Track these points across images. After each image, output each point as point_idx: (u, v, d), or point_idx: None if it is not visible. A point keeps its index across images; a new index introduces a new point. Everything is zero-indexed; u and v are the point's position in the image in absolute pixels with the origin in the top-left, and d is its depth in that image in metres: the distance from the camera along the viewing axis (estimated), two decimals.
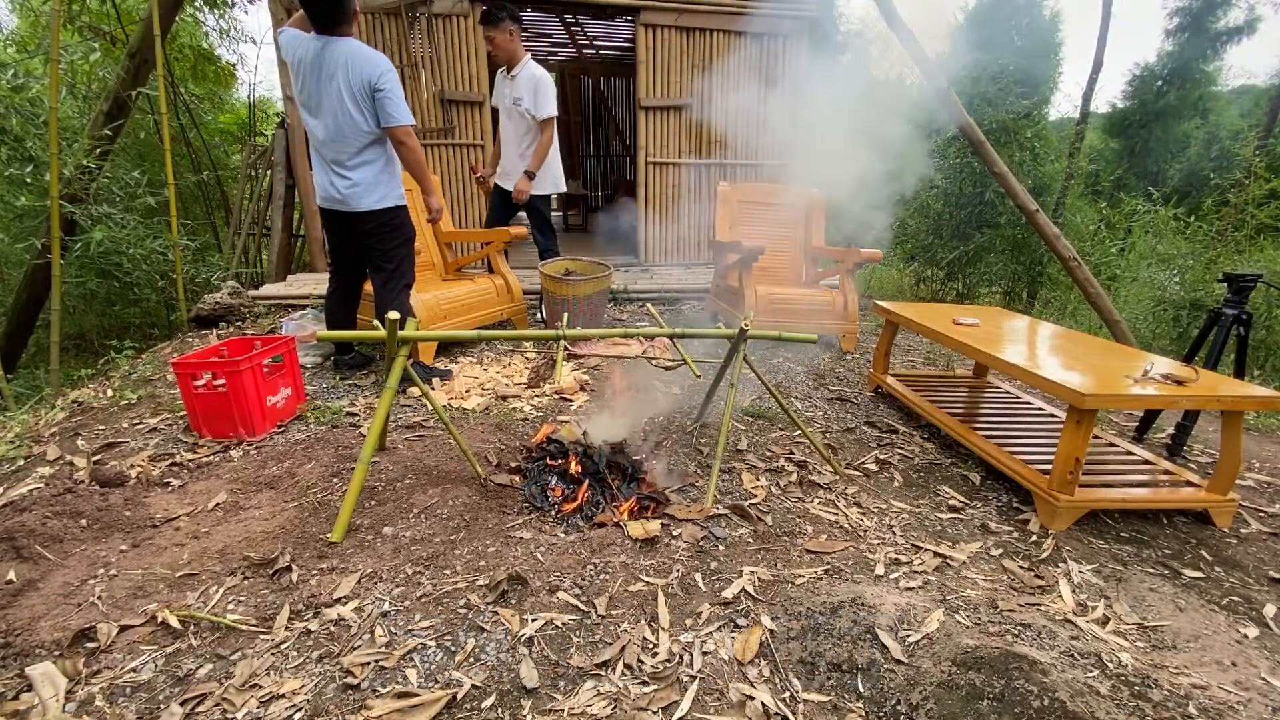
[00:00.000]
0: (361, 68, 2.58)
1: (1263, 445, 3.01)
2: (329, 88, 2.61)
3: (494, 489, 2.15)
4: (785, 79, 5.91)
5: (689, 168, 5.99)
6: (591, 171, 10.96)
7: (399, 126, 2.67)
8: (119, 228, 4.31)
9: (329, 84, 2.61)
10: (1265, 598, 1.83)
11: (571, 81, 10.40)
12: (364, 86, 2.60)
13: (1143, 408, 2.88)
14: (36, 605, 1.55)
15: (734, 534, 1.94)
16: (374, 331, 2.02)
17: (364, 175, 2.74)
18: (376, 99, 2.61)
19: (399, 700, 1.29)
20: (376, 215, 2.81)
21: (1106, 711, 1.25)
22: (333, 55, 2.59)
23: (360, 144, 2.70)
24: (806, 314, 3.90)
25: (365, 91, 2.61)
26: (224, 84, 7.83)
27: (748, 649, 1.47)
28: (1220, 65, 12.04)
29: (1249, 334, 2.66)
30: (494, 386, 3.12)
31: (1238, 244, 7.04)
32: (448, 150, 5.46)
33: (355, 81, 2.59)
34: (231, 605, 1.57)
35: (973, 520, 2.16)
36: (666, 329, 2.18)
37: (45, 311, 4.66)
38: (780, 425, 2.82)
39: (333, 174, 2.75)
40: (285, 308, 4.39)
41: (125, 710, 1.27)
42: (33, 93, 4.34)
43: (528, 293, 4.31)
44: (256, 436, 2.51)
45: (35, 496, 2.02)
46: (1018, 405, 2.99)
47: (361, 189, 2.74)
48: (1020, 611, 1.64)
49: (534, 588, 1.64)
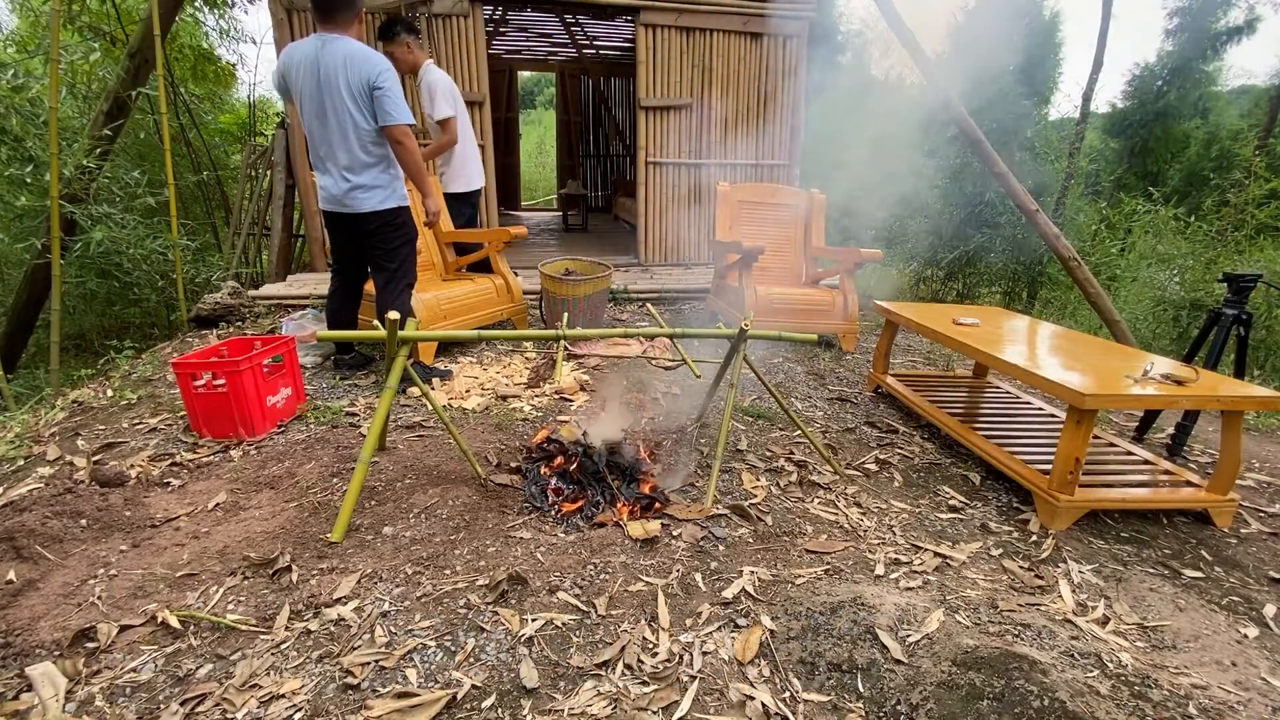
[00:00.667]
0: (360, 67, 2.58)
1: (1263, 445, 3.01)
2: (328, 87, 2.60)
3: (494, 489, 2.15)
4: (785, 79, 5.91)
5: (689, 168, 5.98)
6: (591, 171, 10.96)
7: (397, 125, 2.66)
8: (119, 228, 4.31)
9: (328, 84, 2.60)
10: (1265, 598, 1.83)
11: (571, 81, 10.41)
12: (363, 86, 2.59)
13: (1143, 408, 2.88)
14: (36, 605, 1.55)
15: (734, 534, 1.94)
16: (374, 331, 2.02)
17: (366, 177, 2.73)
18: (375, 97, 2.61)
19: (399, 700, 1.29)
20: (380, 216, 2.81)
21: (1106, 711, 1.25)
22: (331, 55, 2.59)
23: (361, 144, 2.69)
24: (806, 314, 3.90)
25: (364, 91, 2.60)
26: (224, 84, 7.83)
27: (748, 649, 1.47)
28: (1220, 65, 12.03)
29: (1249, 334, 2.66)
30: (494, 386, 3.12)
31: (1238, 244, 7.05)
32: None
33: (354, 81, 2.58)
34: (231, 605, 1.57)
35: (973, 520, 2.16)
36: (666, 329, 2.18)
37: (45, 311, 4.66)
38: (780, 425, 2.82)
39: (334, 176, 2.74)
40: (285, 308, 4.39)
41: (125, 710, 1.27)
42: (33, 93, 4.34)
43: (528, 293, 4.31)
44: (256, 436, 2.51)
45: (35, 496, 2.02)
46: (1018, 405, 2.99)
47: (363, 191, 2.74)
48: (1020, 611, 1.64)
49: (534, 588, 1.64)
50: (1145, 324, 6.16)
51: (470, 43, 5.25)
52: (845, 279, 4.01)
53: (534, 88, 23.47)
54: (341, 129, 2.65)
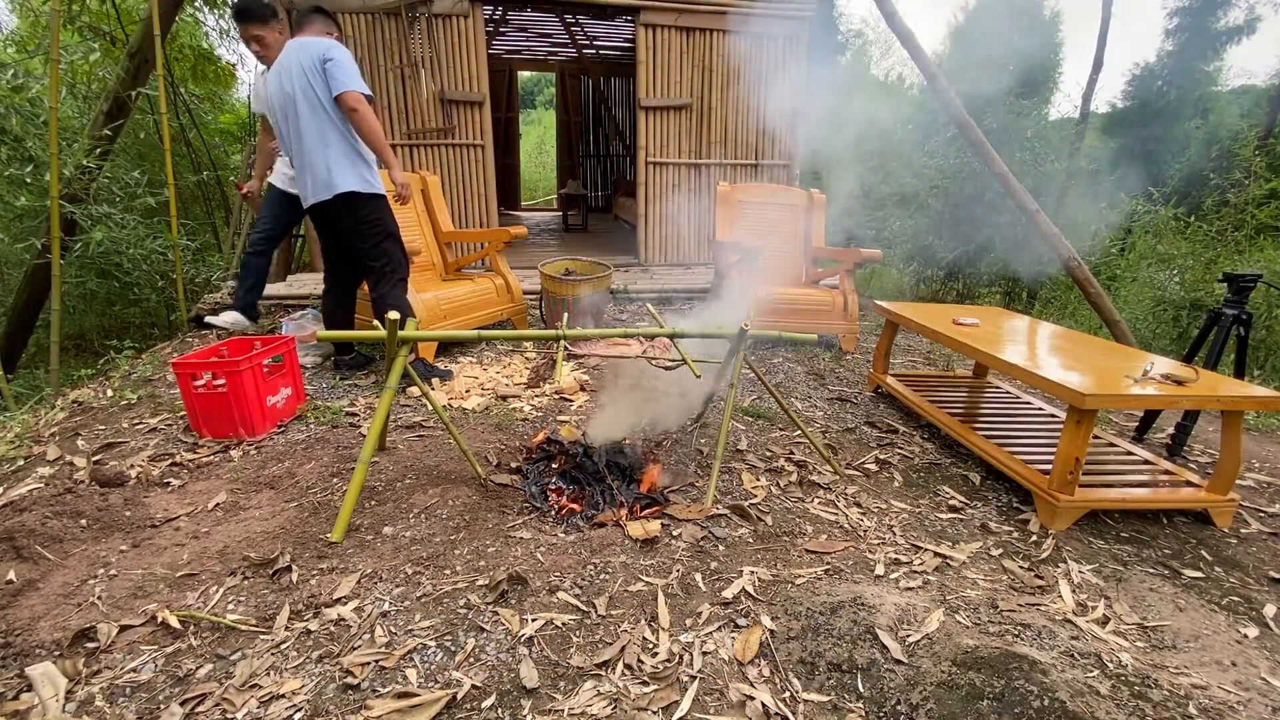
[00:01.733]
0: (311, 48, 2.66)
1: (1263, 445, 3.01)
2: (287, 76, 2.67)
3: (494, 489, 2.15)
4: (785, 79, 5.91)
5: (689, 168, 5.98)
6: (591, 171, 10.96)
7: (348, 92, 2.65)
8: (119, 228, 4.31)
9: (287, 74, 2.67)
10: (1265, 598, 1.82)
11: (571, 81, 10.41)
12: (314, 62, 2.65)
13: (1143, 408, 2.88)
14: (36, 605, 1.55)
15: (734, 534, 1.94)
16: (374, 331, 2.02)
17: (327, 159, 2.73)
18: (326, 69, 2.64)
19: (399, 700, 1.29)
20: (351, 205, 2.79)
21: (1106, 711, 1.25)
22: (288, 53, 2.70)
23: (320, 124, 2.70)
24: (806, 314, 3.90)
25: (316, 67, 2.65)
26: (224, 84, 7.82)
27: (748, 649, 1.47)
28: (1220, 65, 12.03)
29: (1249, 334, 2.66)
30: (494, 386, 3.12)
31: (1238, 244, 7.05)
32: (448, 150, 5.46)
33: (306, 61, 2.65)
34: (231, 605, 1.57)
35: (973, 520, 2.16)
36: (666, 329, 2.18)
37: (45, 311, 4.65)
38: (780, 425, 2.82)
39: (303, 167, 2.77)
40: (285, 308, 4.39)
41: (125, 710, 1.27)
42: (33, 93, 4.34)
43: (528, 293, 4.31)
44: (256, 436, 2.51)
45: (35, 496, 2.02)
46: (1018, 405, 2.99)
47: (325, 173, 2.74)
48: (1020, 611, 1.64)
49: (534, 588, 1.64)
50: (1145, 324, 6.16)
51: (470, 43, 5.25)
52: (845, 279, 4.01)
53: (534, 88, 23.46)
54: (298, 119, 2.69)
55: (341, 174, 2.75)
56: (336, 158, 2.74)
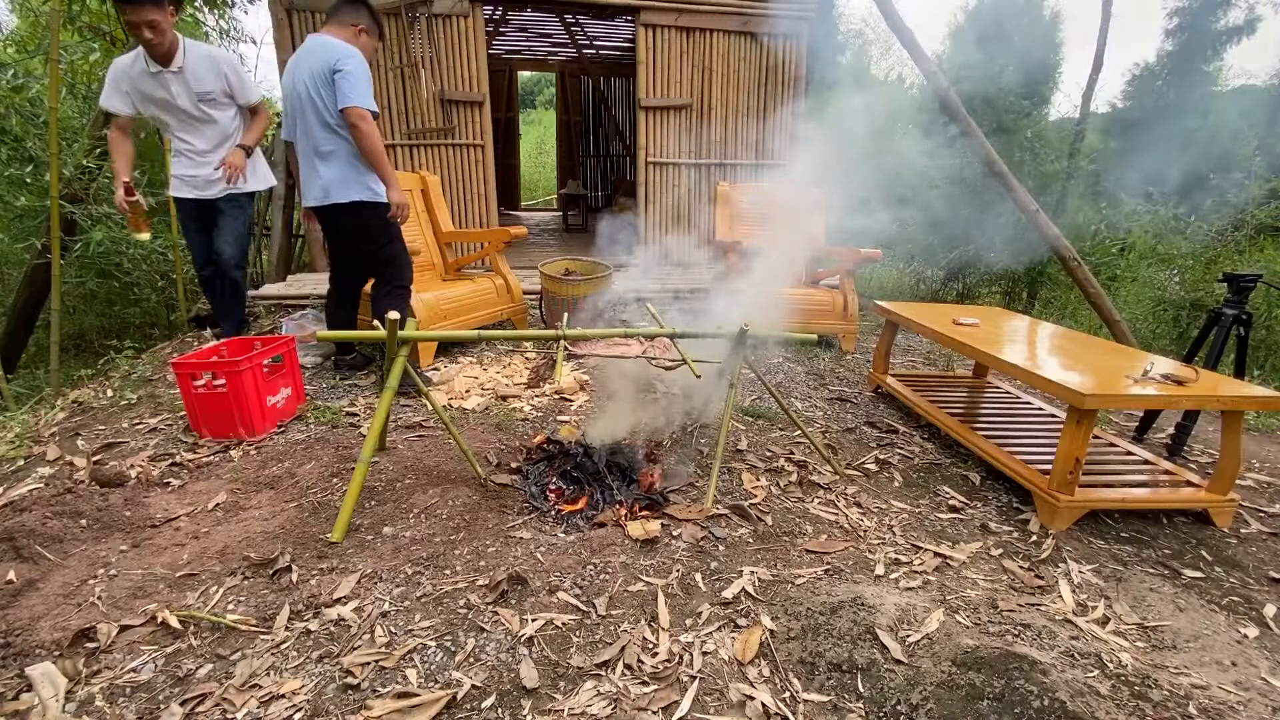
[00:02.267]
0: (325, 53, 2.60)
1: (1263, 445, 3.01)
2: (298, 76, 2.65)
3: (494, 489, 2.15)
4: (786, 79, 5.91)
5: (689, 168, 5.98)
6: (591, 171, 10.96)
7: (352, 107, 2.59)
8: (119, 228, 4.31)
9: (298, 74, 2.65)
10: (1265, 598, 1.83)
11: (571, 81, 10.40)
12: (325, 71, 2.60)
13: (1143, 408, 2.88)
14: (36, 605, 1.55)
15: (734, 534, 1.94)
16: (374, 332, 2.02)
17: (334, 168, 2.72)
18: (335, 80, 2.59)
19: (399, 700, 1.29)
20: (353, 211, 2.78)
21: (1106, 711, 1.25)
22: (304, 51, 2.67)
23: (325, 133, 2.68)
24: (806, 314, 3.90)
25: (326, 76, 2.60)
26: None
27: (748, 649, 1.47)
28: (1220, 65, 12.02)
29: (1249, 334, 2.66)
30: (494, 386, 3.12)
31: (1238, 244, 7.04)
32: (448, 150, 5.46)
33: (318, 67, 2.60)
34: (231, 605, 1.57)
35: (973, 520, 2.16)
36: (666, 329, 2.18)
37: (45, 311, 4.65)
38: (780, 425, 2.82)
39: (308, 170, 2.76)
40: (285, 308, 4.38)
41: (125, 710, 1.27)
42: (33, 93, 4.35)
43: (528, 293, 4.31)
44: (256, 436, 2.51)
45: (35, 496, 2.02)
46: (1018, 405, 2.99)
47: (329, 182, 2.73)
48: (1020, 611, 1.64)
49: (534, 588, 1.64)
50: (1145, 324, 6.16)
51: (470, 43, 5.24)
52: (845, 279, 4.01)
53: (534, 88, 23.45)
54: (306, 118, 2.67)
55: (345, 184, 2.74)
56: (342, 166, 2.73)
